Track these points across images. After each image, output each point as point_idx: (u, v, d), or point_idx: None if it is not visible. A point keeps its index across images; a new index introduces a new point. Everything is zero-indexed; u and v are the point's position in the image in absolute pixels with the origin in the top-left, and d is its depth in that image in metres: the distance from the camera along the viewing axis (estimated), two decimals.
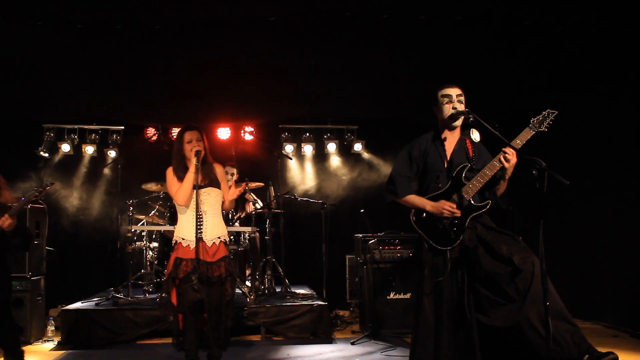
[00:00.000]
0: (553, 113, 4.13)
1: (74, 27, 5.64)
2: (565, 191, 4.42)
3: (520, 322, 3.82)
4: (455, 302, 4.12)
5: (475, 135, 4.36)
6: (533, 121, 4.15)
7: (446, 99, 4.32)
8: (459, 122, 4.35)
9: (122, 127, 9.56)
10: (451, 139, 4.39)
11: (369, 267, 7.23)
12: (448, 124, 4.36)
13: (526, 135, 4.12)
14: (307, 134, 9.69)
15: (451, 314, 4.12)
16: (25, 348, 6.74)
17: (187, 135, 4.93)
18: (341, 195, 9.74)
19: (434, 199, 4.28)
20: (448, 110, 4.31)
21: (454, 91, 4.33)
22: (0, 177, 5.05)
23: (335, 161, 9.96)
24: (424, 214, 4.27)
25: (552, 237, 5.44)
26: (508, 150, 4.06)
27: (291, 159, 9.61)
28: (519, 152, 4.03)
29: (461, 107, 4.30)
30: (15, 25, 5.62)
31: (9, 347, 4.91)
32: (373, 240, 7.33)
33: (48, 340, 7.16)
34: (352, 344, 6.68)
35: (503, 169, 4.15)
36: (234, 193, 5.05)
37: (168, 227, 7.73)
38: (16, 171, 9.13)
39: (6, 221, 4.70)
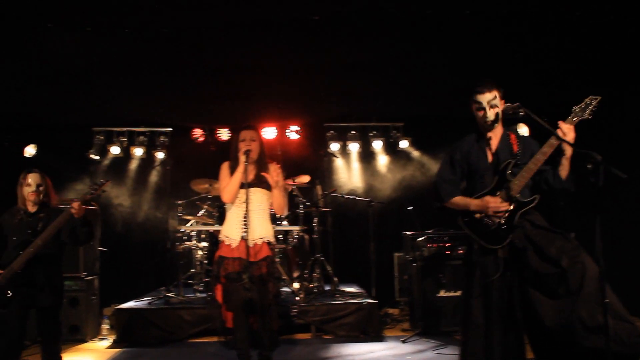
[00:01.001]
0: (595, 99, 4.00)
1: (121, 32, 5.73)
2: (621, 185, 4.30)
3: (571, 322, 3.73)
4: (505, 303, 4.05)
5: (523, 130, 4.26)
6: (575, 109, 4.03)
7: (476, 105, 4.23)
8: (498, 125, 4.26)
9: (170, 129, 9.68)
10: (494, 137, 4.29)
11: (418, 265, 7.18)
12: (485, 127, 4.28)
13: (570, 123, 4.01)
14: (353, 132, 9.65)
15: (501, 315, 4.03)
16: (81, 346, 6.94)
17: (242, 134, 4.96)
18: (388, 192, 9.68)
19: (480, 198, 4.21)
20: (480, 117, 4.22)
21: (486, 97, 4.17)
22: (48, 180, 5.14)
23: (381, 159, 9.90)
24: (472, 214, 4.21)
25: (607, 233, 5.29)
26: (563, 125, 3.95)
27: (337, 157, 9.60)
28: (573, 144, 3.93)
29: (494, 112, 4.19)
30: (66, 32, 5.74)
31: (48, 345, 4.97)
32: (422, 238, 7.27)
33: (103, 339, 7.32)
34: (403, 342, 6.64)
35: (560, 149, 4.03)
36: (274, 177, 4.92)
37: (216, 227, 7.80)
38: (68, 174, 9.34)
39: (79, 208, 4.79)
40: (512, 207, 4.08)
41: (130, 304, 7.54)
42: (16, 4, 5.10)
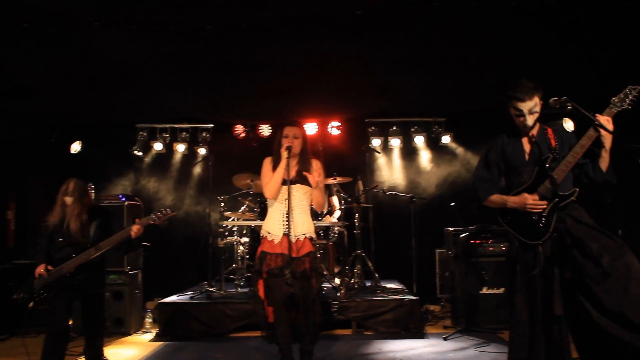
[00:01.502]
0: (635, 89, 3.90)
1: (165, 30, 5.78)
2: None
3: (617, 321, 3.66)
4: (548, 300, 3.98)
5: (568, 125, 4.18)
6: (614, 100, 3.93)
7: (516, 112, 4.15)
8: (535, 125, 4.19)
9: (212, 125, 9.76)
10: (531, 132, 4.22)
11: (460, 261, 7.11)
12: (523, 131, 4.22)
13: (609, 114, 3.92)
14: (394, 128, 9.60)
15: (544, 311, 3.98)
16: (125, 339, 7.07)
17: (286, 130, 4.97)
18: (430, 188, 9.62)
19: (518, 194, 4.15)
20: (519, 122, 4.16)
21: (527, 105, 4.08)
22: (83, 186, 5.28)
23: (423, 154, 9.83)
24: (510, 211, 4.16)
25: None
26: (600, 117, 3.87)
27: (379, 152, 9.57)
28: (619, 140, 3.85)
29: (534, 118, 4.12)
30: (111, 31, 5.81)
31: (91, 336, 5.09)
32: (464, 234, 7.19)
33: (146, 332, 7.44)
34: (445, 339, 6.59)
35: (599, 141, 3.95)
36: (313, 178, 4.91)
37: (258, 222, 7.85)
38: (112, 170, 9.52)
39: (140, 231, 5.09)
40: (551, 202, 4.02)
41: (173, 298, 7.64)
42: (62, 3, 5.18)
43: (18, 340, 7.14)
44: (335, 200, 8.40)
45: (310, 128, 9.58)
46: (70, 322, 5.23)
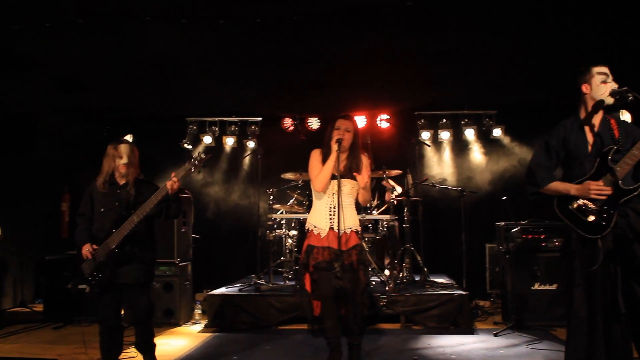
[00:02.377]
0: None
1: (215, 23, 5.81)
2: None
3: None
4: (609, 296, 3.85)
5: (626, 116, 4.03)
6: None
7: (602, 77, 4.01)
8: (610, 101, 4.04)
9: (260, 119, 9.81)
10: (594, 122, 4.08)
11: (511, 256, 6.98)
12: (598, 105, 4.05)
13: None
14: (444, 120, 9.49)
15: (605, 307, 3.85)
16: (175, 329, 7.16)
17: (338, 123, 4.89)
18: (480, 182, 9.48)
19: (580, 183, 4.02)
20: (604, 89, 4.00)
21: (608, 70, 4.02)
22: (136, 152, 5.05)
23: (473, 147, 9.69)
24: (570, 203, 4.02)
25: None
26: None
27: (429, 146, 9.48)
28: None
29: (612, 87, 4.00)
30: (162, 25, 5.88)
31: (140, 325, 5.00)
32: (516, 229, 7.05)
33: (195, 323, 7.54)
34: (495, 335, 6.48)
35: None
36: (362, 178, 4.82)
37: (306, 215, 7.83)
38: (162, 163, 9.64)
39: (175, 184, 4.77)
40: (613, 194, 3.88)
41: (222, 290, 7.71)
42: None
43: (72, 329, 7.32)
44: (392, 193, 8.31)
45: (359, 121, 9.54)
46: (123, 312, 5.24)
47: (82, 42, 6.36)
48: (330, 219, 4.78)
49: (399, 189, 8.25)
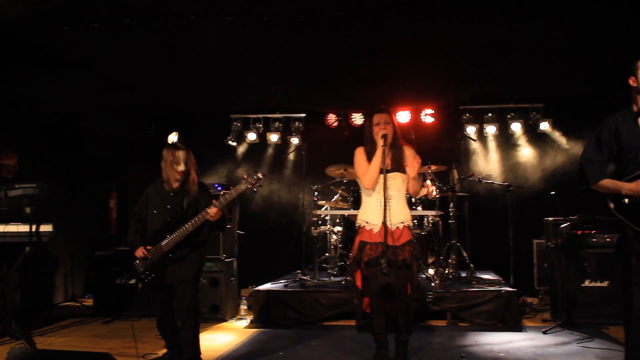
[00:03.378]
0: None
1: (259, 20, 5.82)
2: None
3: None
4: None
5: None
6: None
7: None
8: None
9: (304, 115, 9.81)
10: None
11: (561, 253, 6.85)
12: None
13: None
14: (490, 114, 9.34)
15: None
16: (221, 325, 7.24)
17: (376, 118, 4.88)
18: (527, 176, 9.31)
19: (633, 180, 3.90)
20: None
21: None
22: (192, 158, 5.17)
23: (520, 141, 9.50)
24: (624, 199, 3.91)
25: None
26: None
27: (474, 140, 9.35)
28: None
29: None
30: (208, 23, 5.92)
31: (184, 319, 5.03)
32: (565, 224, 6.91)
33: (241, 319, 7.59)
34: (544, 332, 6.36)
35: None
36: (413, 168, 4.78)
37: (351, 211, 7.83)
38: (206, 160, 9.74)
39: (217, 214, 4.87)
40: None
41: (267, 285, 7.75)
42: None
43: (121, 323, 7.45)
44: (428, 183, 8.23)
45: (403, 116, 9.47)
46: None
47: (128, 41, 6.45)
48: (382, 214, 4.75)
49: (434, 182, 8.15)
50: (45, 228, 6.01)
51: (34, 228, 5.91)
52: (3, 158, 6.82)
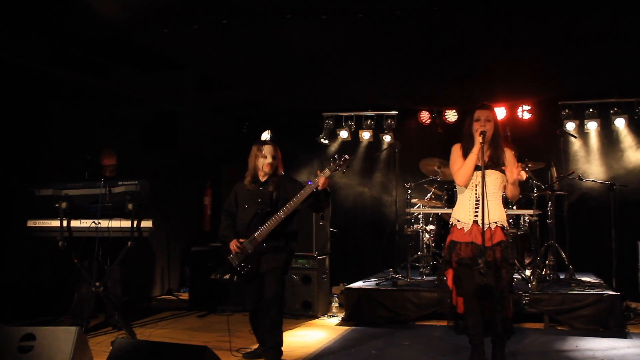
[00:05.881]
0: None
1: (355, 18, 5.80)
2: None
3: None
4: None
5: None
6: None
7: None
8: None
9: (396, 112, 9.72)
10: None
11: None
12: None
13: None
14: (591, 110, 8.93)
15: None
16: (313, 322, 7.28)
17: (477, 114, 4.75)
18: (632, 175, 8.84)
19: None
20: None
21: None
22: (279, 152, 5.34)
23: (624, 137, 9.05)
24: None
25: None
26: None
27: (575, 137, 8.97)
28: None
29: None
30: (302, 21, 5.95)
31: (268, 309, 5.14)
32: None
33: (332, 316, 7.62)
34: None
35: None
36: (512, 173, 4.64)
37: (445, 210, 7.70)
38: (299, 158, 9.83)
39: (323, 183, 5.03)
40: None
41: (359, 283, 7.74)
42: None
43: (216, 317, 7.63)
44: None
45: (499, 112, 9.22)
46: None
47: (224, 41, 6.58)
48: (475, 212, 4.62)
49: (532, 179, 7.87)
50: (146, 224, 6.21)
51: (135, 224, 6.11)
52: (104, 158, 7.12)
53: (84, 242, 6.39)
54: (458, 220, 4.79)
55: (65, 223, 6.20)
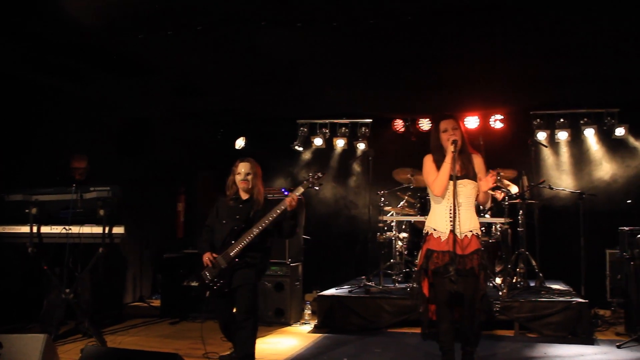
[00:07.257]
0: None
1: (329, 26, 5.83)
2: None
3: None
4: None
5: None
6: None
7: None
8: None
9: (370, 120, 9.77)
10: None
11: (637, 264, 6.59)
12: None
13: None
14: (561, 120, 9.06)
15: None
16: (285, 329, 7.28)
17: (443, 124, 4.82)
18: (600, 184, 9.00)
19: None
20: None
21: None
22: (257, 169, 5.37)
23: (593, 148, 9.21)
24: None
25: None
26: None
27: (546, 146, 9.09)
28: None
29: None
30: (276, 29, 5.97)
31: (241, 320, 5.12)
32: None
33: (305, 323, 7.63)
34: (618, 347, 6.12)
35: None
36: (487, 182, 4.79)
37: (418, 218, 7.75)
38: (273, 165, 9.83)
39: (294, 201, 5.00)
40: None
41: (332, 291, 7.75)
42: (233, 5, 5.40)
43: (188, 324, 7.60)
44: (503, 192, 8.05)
45: (472, 121, 9.33)
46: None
47: (198, 48, 6.57)
48: (450, 221, 4.67)
49: (514, 188, 7.96)
50: (118, 230, 6.18)
51: (107, 230, 6.07)
52: (74, 161, 7.07)
53: (54, 249, 6.32)
54: (434, 230, 4.82)
55: (35, 229, 6.14)
